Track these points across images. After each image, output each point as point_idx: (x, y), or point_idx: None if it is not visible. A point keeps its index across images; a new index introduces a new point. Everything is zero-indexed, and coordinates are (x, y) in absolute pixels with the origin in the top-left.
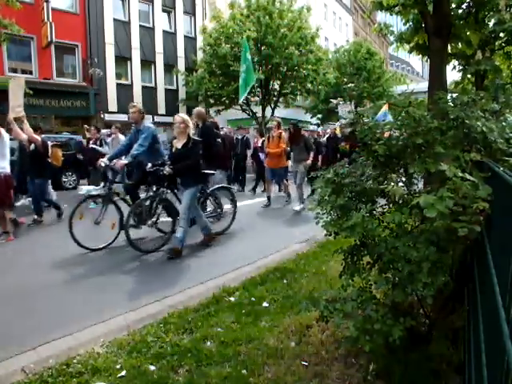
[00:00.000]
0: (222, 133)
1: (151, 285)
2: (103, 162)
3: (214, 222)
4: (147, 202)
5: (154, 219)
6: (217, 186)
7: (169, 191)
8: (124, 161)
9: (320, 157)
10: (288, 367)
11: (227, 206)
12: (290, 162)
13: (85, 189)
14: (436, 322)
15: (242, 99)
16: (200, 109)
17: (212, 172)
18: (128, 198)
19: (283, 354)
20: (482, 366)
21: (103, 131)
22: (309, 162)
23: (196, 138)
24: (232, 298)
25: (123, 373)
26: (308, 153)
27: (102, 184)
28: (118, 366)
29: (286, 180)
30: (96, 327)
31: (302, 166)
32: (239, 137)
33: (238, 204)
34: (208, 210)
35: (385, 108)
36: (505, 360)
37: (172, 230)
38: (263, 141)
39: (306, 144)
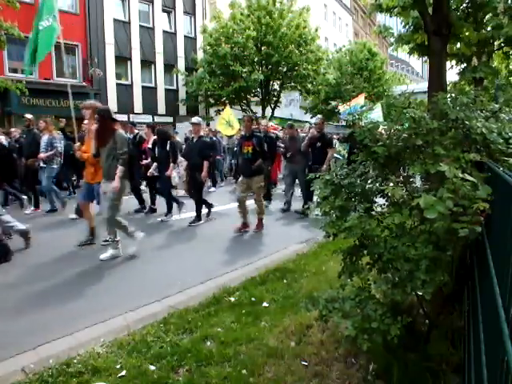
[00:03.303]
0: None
1: (151, 285)
2: None
3: None
4: None
5: None
6: None
7: None
8: None
9: (205, 164)
10: (288, 367)
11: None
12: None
13: None
14: (436, 322)
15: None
16: None
17: None
18: None
19: (283, 354)
20: (482, 366)
21: None
22: (115, 185)
23: None
24: (232, 298)
25: (123, 373)
26: (118, 163)
27: None
28: (118, 366)
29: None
30: (96, 327)
31: (111, 188)
32: (130, 135)
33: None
34: None
35: (357, 101)
36: (504, 360)
37: None
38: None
39: (116, 146)
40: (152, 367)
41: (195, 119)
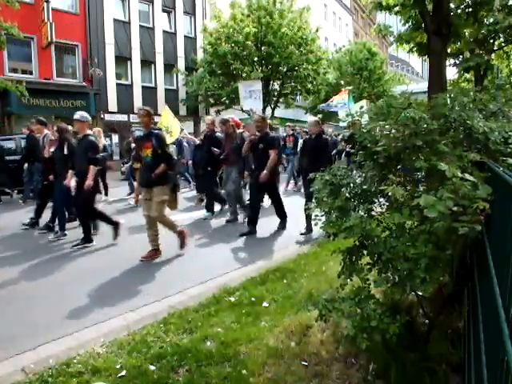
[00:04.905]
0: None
1: (151, 285)
2: None
3: None
4: None
5: None
6: None
7: None
8: None
9: (91, 169)
10: (288, 367)
11: None
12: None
13: None
14: (436, 322)
15: None
16: None
17: None
18: None
19: (283, 354)
20: (482, 366)
21: None
22: None
23: None
24: (232, 298)
25: (123, 373)
26: None
27: None
28: (118, 366)
29: None
30: (96, 327)
31: None
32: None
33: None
34: None
35: (340, 97)
36: (504, 360)
37: None
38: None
39: None
40: (152, 367)
41: (78, 115)
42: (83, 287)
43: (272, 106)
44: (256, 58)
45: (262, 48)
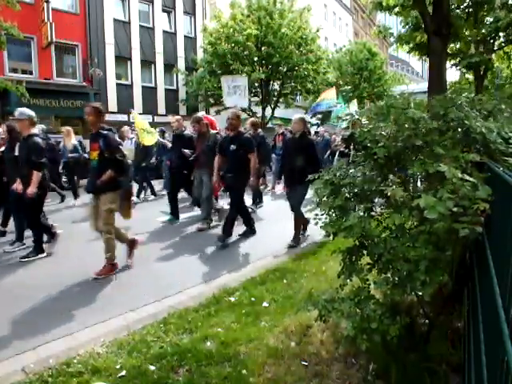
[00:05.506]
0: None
1: (151, 285)
2: None
3: None
4: None
5: None
6: None
7: None
8: None
9: (35, 175)
10: (288, 367)
11: None
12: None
13: None
14: (436, 322)
15: None
16: None
17: None
18: None
19: (283, 354)
20: (482, 366)
21: None
22: None
23: None
24: (232, 298)
25: (123, 373)
26: None
27: None
28: (118, 366)
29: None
30: (96, 327)
31: None
32: None
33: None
34: None
35: (328, 94)
36: (504, 360)
37: None
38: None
39: None
40: (152, 367)
41: (16, 112)
42: (83, 287)
43: (272, 106)
44: (256, 58)
45: (262, 48)
